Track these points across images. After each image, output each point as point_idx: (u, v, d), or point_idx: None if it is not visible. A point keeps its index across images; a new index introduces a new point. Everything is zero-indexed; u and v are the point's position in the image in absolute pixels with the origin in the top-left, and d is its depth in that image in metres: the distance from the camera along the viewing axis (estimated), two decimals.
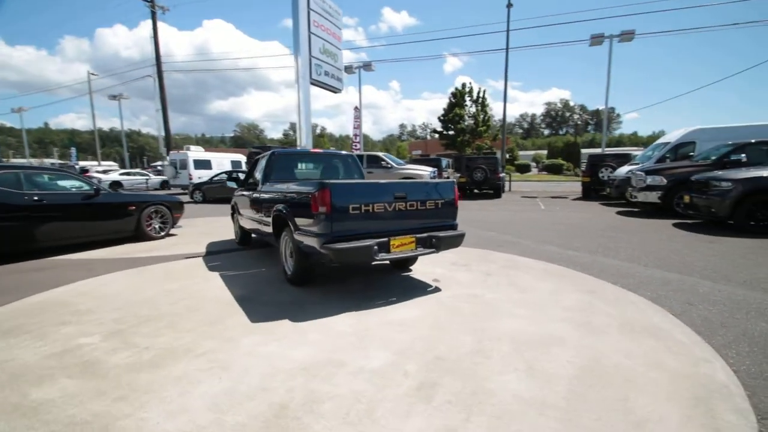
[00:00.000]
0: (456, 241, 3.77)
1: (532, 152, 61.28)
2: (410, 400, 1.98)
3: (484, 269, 4.58)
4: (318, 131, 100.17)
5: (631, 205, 10.82)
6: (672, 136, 11.45)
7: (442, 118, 35.57)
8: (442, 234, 3.67)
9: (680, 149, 10.76)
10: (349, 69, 23.22)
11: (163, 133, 24.78)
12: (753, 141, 8.45)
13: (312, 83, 18.33)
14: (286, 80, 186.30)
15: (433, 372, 2.26)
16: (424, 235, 3.61)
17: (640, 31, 18.05)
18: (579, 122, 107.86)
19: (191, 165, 19.67)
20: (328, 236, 3.20)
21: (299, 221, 3.56)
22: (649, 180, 9.20)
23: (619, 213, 9.98)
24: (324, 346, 2.61)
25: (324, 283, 4.04)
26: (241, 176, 14.59)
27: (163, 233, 7.17)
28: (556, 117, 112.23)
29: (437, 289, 3.82)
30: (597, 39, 17.32)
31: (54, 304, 3.51)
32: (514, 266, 4.71)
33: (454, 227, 3.91)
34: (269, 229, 4.38)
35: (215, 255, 5.69)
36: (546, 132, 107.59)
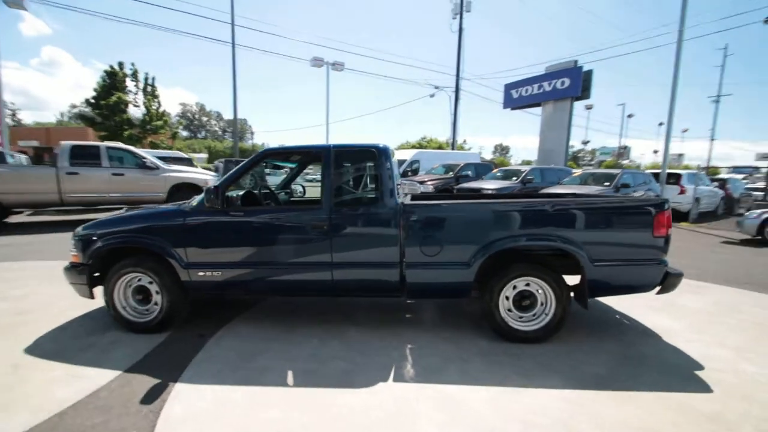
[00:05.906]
0: None
1: (200, 155, 53.38)
2: None
3: None
4: None
5: None
6: (404, 155, 15.51)
7: (93, 101, 26.30)
8: None
9: (413, 165, 14.89)
10: None
11: None
12: (463, 164, 13.40)
13: None
14: None
15: None
16: None
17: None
18: (217, 129, 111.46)
19: None
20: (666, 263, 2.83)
21: (604, 250, 2.76)
22: (422, 189, 12.34)
23: None
24: None
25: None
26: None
27: None
28: (193, 120, 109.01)
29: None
30: (318, 62, 19.61)
31: None
32: None
33: None
34: (456, 276, 2.81)
35: (185, 374, 2.55)
36: (185, 134, 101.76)
